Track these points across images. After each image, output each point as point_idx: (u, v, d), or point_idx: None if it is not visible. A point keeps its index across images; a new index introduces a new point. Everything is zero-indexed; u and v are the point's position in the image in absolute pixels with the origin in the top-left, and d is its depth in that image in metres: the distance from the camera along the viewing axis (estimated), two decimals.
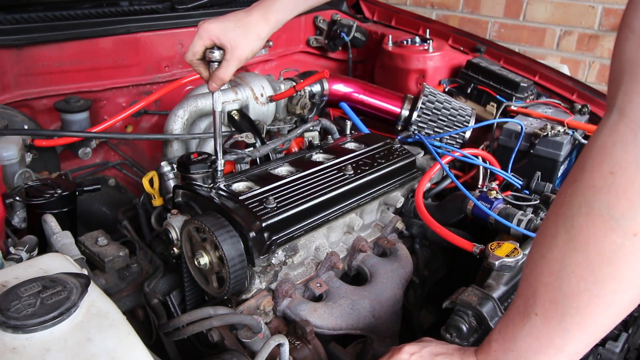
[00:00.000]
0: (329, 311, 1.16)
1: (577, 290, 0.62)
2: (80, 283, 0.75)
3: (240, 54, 1.10)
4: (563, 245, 0.63)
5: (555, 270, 0.64)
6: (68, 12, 1.67)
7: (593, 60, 3.20)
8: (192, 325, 1.02)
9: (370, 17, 2.50)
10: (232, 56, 1.10)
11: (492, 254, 1.12)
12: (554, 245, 0.64)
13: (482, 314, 0.95)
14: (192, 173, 1.21)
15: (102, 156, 1.82)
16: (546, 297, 0.66)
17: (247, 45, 1.10)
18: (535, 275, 0.68)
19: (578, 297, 0.62)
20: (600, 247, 0.59)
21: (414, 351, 0.89)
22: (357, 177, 1.30)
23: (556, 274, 0.64)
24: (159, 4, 1.90)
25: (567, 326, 0.65)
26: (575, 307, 0.63)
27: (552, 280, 0.65)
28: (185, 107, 1.55)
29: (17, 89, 1.56)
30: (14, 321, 0.68)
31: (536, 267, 0.68)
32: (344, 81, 1.95)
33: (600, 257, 0.59)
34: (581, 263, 0.61)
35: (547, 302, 0.66)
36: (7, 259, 0.99)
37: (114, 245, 1.21)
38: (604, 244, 0.59)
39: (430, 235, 1.48)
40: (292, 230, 1.13)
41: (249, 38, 1.11)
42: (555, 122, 1.73)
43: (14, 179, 1.28)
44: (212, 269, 1.10)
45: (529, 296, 0.69)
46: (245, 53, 1.11)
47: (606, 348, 0.98)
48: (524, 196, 1.43)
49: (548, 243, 0.66)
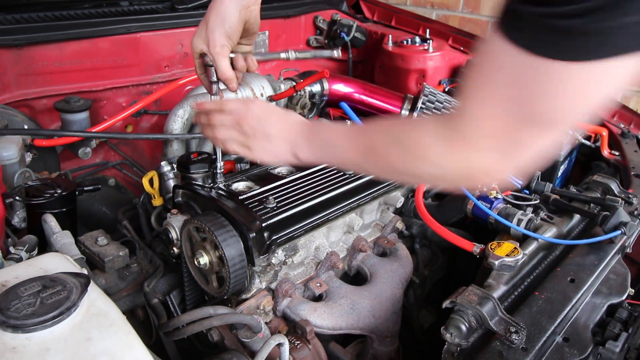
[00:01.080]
0: (329, 311, 1.16)
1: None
2: (80, 283, 0.75)
3: (214, 44, 1.07)
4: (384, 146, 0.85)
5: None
6: (68, 12, 1.66)
7: None
8: (192, 325, 1.02)
9: (370, 17, 2.50)
10: (212, 52, 1.08)
11: (492, 254, 1.12)
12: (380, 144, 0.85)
13: (482, 314, 0.95)
14: (192, 173, 1.21)
15: (102, 156, 1.82)
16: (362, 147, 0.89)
17: (219, 32, 1.07)
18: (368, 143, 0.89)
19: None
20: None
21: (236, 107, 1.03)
22: (357, 176, 1.30)
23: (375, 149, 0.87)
24: (159, 4, 1.90)
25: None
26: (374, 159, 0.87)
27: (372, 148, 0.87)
28: (185, 107, 1.55)
29: (17, 88, 1.56)
30: (14, 321, 0.68)
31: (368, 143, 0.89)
32: (344, 81, 1.95)
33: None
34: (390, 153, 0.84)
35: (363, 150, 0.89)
36: (7, 258, 0.99)
37: (114, 245, 1.21)
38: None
39: (430, 235, 1.48)
40: (292, 230, 1.13)
41: (217, 24, 1.07)
42: None
43: (14, 179, 1.28)
44: (212, 269, 1.10)
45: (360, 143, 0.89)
46: (219, 40, 1.06)
47: (606, 348, 0.98)
48: (524, 196, 1.43)
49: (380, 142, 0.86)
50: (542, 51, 0.58)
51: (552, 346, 0.95)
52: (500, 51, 0.62)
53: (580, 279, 1.10)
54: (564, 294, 1.05)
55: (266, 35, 2.11)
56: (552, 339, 0.96)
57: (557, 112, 0.64)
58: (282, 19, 2.17)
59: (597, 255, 1.19)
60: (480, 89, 0.68)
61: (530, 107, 0.64)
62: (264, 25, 2.09)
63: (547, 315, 0.99)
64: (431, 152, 0.76)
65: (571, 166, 1.87)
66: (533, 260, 1.19)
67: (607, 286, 1.14)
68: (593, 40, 0.54)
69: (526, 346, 0.91)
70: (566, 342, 0.96)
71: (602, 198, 1.32)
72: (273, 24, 2.14)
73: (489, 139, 0.69)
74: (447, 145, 0.73)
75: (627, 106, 1.92)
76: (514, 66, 0.62)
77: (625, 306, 1.12)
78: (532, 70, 0.60)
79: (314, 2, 2.33)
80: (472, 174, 0.75)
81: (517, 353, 0.90)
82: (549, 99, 0.62)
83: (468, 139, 0.70)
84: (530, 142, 0.68)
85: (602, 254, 1.19)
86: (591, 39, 0.54)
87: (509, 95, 0.64)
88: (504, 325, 0.94)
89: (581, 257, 1.18)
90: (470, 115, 0.69)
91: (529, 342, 0.92)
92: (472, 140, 0.70)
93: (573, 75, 0.58)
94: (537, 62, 0.58)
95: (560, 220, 1.32)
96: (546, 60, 0.58)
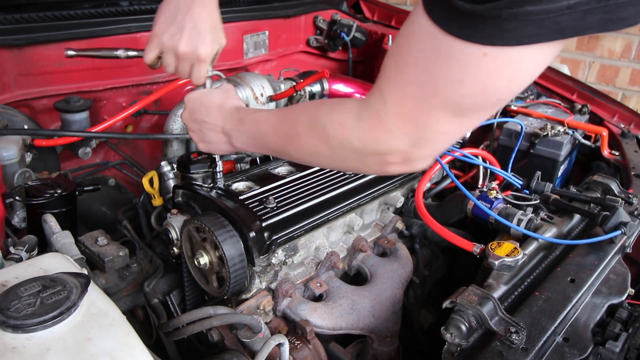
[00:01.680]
0: (329, 311, 1.16)
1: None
2: (80, 283, 0.75)
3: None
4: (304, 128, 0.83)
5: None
6: (68, 12, 1.66)
7: (593, 60, 3.20)
8: (192, 325, 1.02)
9: (370, 17, 2.50)
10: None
11: (492, 254, 1.12)
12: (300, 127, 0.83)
13: (482, 314, 0.95)
14: (192, 173, 1.21)
15: (102, 156, 1.82)
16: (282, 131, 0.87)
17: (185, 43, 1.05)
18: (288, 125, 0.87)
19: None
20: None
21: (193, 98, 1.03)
22: (357, 176, 1.30)
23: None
24: (158, 4, 1.90)
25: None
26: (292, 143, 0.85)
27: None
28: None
29: (17, 88, 1.56)
30: (14, 321, 0.68)
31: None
32: (344, 81, 1.95)
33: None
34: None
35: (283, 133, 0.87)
36: (7, 258, 0.99)
37: (114, 245, 1.21)
38: None
39: (430, 235, 1.48)
40: (292, 230, 1.13)
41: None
42: (555, 122, 1.73)
43: (14, 179, 1.28)
44: (212, 269, 1.10)
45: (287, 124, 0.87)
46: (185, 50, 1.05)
47: (606, 348, 0.98)
48: (524, 196, 1.43)
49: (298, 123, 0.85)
50: (454, 31, 0.57)
51: (552, 346, 0.95)
52: (419, 26, 0.60)
53: (581, 279, 1.10)
54: (564, 294, 1.05)
55: (266, 35, 2.11)
56: (552, 339, 0.96)
57: (467, 99, 0.62)
58: (282, 19, 2.17)
59: (597, 255, 1.19)
60: (394, 67, 0.66)
61: (440, 92, 0.62)
62: (264, 25, 2.10)
63: (547, 315, 0.99)
64: (347, 133, 0.73)
65: (571, 166, 1.87)
66: (533, 260, 1.19)
67: (607, 286, 1.14)
68: (500, 27, 0.54)
69: (526, 346, 0.91)
70: (566, 342, 0.96)
71: (602, 198, 1.32)
72: (273, 24, 2.14)
73: (401, 122, 0.67)
74: (362, 125, 0.71)
75: (627, 106, 1.92)
76: (428, 43, 0.60)
77: (625, 306, 1.12)
78: (445, 50, 0.59)
79: (314, 2, 2.33)
80: (387, 159, 0.72)
81: (517, 353, 0.90)
82: (459, 85, 0.61)
83: (381, 120, 0.68)
84: (442, 129, 0.67)
85: (602, 254, 1.19)
86: (497, 25, 0.54)
87: (421, 77, 0.63)
88: (504, 325, 0.94)
89: (581, 257, 1.18)
90: (384, 95, 0.67)
91: (529, 342, 0.92)
92: (385, 121, 0.68)
93: (482, 60, 0.57)
94: (450, 41, 0.57)
95: (560, 220, 1.32)
96: (458, 41, 0.57)
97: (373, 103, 0.70)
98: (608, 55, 3.15)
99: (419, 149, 0.70)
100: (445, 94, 0.62)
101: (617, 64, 3.14)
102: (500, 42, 0.55)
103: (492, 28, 0.54)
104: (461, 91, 0.61)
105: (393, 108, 0.67)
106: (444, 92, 0.62)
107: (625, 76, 3.15)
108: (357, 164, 0.79)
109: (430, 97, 0.63)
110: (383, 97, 0.68)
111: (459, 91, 0.61)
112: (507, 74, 0.59)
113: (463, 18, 0.55)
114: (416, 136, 0.68)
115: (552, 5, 0.51)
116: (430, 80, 0.62)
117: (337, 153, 0.78)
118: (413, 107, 0.65)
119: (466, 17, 0.55)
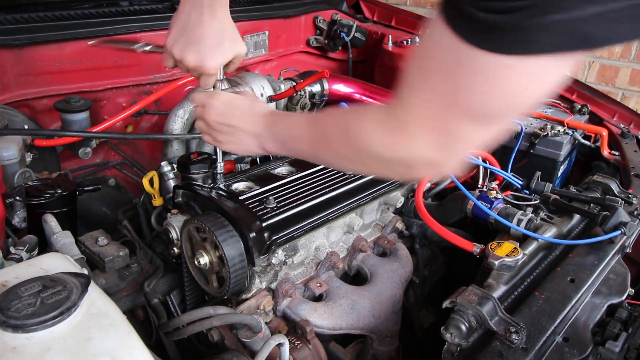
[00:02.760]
0: (329, 311, 1.16)
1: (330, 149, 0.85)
2: (81, 283, 0.75)
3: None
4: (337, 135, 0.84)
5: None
6: (68, 12, 1.66)
7: (593, 60, 3.20)
8: (192, 325, 1.02)
9: (370, 17, 2.50)
10: None
11: (492, 254, 1.12)
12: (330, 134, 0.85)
13: (482, 314, 0.95)
14: (192, 173, 1.21)
15: (102, 156, 1.82)
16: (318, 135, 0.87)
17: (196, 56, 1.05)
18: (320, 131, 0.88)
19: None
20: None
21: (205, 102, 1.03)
22: (357, 176, 1.30)
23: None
24: (159, 4, 1.90)
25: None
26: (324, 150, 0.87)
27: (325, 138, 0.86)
28: (185, 107, 1.55)
29: (17, 88, 1.56)
30: (14, 321, 0.68)
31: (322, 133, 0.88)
32: (344, 81, 1.95)
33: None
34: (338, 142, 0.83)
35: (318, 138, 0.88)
36: (7, 258, 0.99)
37: (114, 245, 1.21)
38: None
39: (430, 235, 1.48)
40: (292, 230, 1.13)
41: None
42: (555, 122, 1.73)
43: (14, 179, 1.28)
44: (212, 269, 1.10)
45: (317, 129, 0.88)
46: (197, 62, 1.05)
47: (606, 348, 0.98)
48: (524, 196, 1.43)
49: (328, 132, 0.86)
50: (475, 41, 0.56)
51: (552, 346, 0.95)
52: (439, 36, 0.60)
53: (580, 279, 1.10)
54: (564, 294, 1.05)
55: (266, 35, 2.11)
56: (552, 339, 0.96)
57: (490, 108, 0.63)
58: (282, 19, 2.17)
59: (597, 255, 1.19)
60: (417, 76, 0.67)
61: (463, 101, 0.62)
62: (264, 25, 2.10)
63: (547, 315, 0.99)
64: (373, 140, 0.74)
65: (571, 166, 1.87)
66: (533, 260, 1.19)
67: (607, 286, 1.14)
68: (522, 37, 0.53)
69: (526, 346, 0.91)
70: (566, 342, 0.96)
71: (602, 198, 1.32)
72: (273, 24, 2.14)
73: (426, 130, 0.67)
74: (387, 132, 0.72)
75: (626, 106, 1.92)
76: (450, 54, 0.60)
77: (625, 306, 1.12)
78: (466, 60, 0.58)
79: (314, 2, 2.33)
80: (413, 165, 0.73)
81: (517, 353, 0.90)
82: (482, 95, 0.61)
83: (406, 128, 0.69)
84: (467, 136, 0.66)
85: (602, 254, 1.19)
86: (520, 34, 0.53)
87: (444, 86, 0.63)
88: (504, 325, 0.94)
89: (581, 257, 1.18)
90: (408, 103, 0.68)
91: (529, 342, 0.92)
92: (409, 128, 0.69)
93: (504, 70, 0.57)
94: (471, 51, 0.57)
95: (560, 220, 1.32)
96: (479, 51, 0.56)
97: (397, 111, 0.70)
98: (608, 55, 3.15)
99: (444, 156, 0.70)
100: (468, 103, 0.62)
101: (616, 64, 3.14)
102: (522, 52, 0.55)
103: (514, 38, 0.54)
104: (484, 100, 0.61)
105: (417, 116, 0.67)
106: (467, 101, 0.62)
107: (625, 76, 3.15)
108: (384, 170, 0.81)
109: (453, 106, 0.64)
110: (406, 105, 0.68)
111: (482, 100, 0.62)
112: (530, 83, 0.59)
113: (484, 28, 0.55)
114: (441, 143, 0.68)
115: (577, 13, 0.49)
116: (452, 90, 0.63)
117: (364, 159, 0.79)
118: (436, 116, 0.65)
119: (487, 28, 0.54)
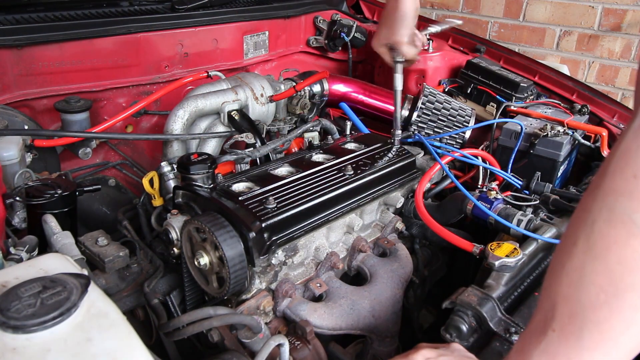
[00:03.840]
0: (329, 311, 1.16)
1: (596, 303, 0.58)
2: (81, 283, 0.75)
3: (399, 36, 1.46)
4: (583, 254, 0.59)
5: (574, 280, 0.60)
6: (68, 12, 1.66)
7: (593, 60, 3.20)
8: (192, 326, 1.02)
9: (370, 17, 2.50)
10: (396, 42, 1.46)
11: (492, 254, 1.12)
12: (573, 253, 0.61)
13: (482, 314, 0.95)
14: (192, 173, 1.21)
15: (102, 156, 1.82)
16: (564, 310, 0.61)
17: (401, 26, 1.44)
18: (555, 286, 0.63)
19: (597, 310, 0.58)
20: (622, 255, 0.56)
21: (430, 356, 0.84)
22: (357, 177, 1.30)
23: (575, 285, 0.60)
24: (159, 4, 1.90)
25: (585, 344, 0.60)
26: (595, 322, 0.58)
27: (571, 292, 0.61)
28: (186, 107, 1.55)
29: (17, 89, 1.56)
30: (14, 321, 0.68)
31: (555, 278, 0.63)
32: (343, 81, 1.95)
33: (621, 266, 0.56)
34: (601, 272, 0.58)
35: (565, 317, 0.61)
36: (7, 259, 0.99)
37: (114, 245, 1.21)
38: (626, 252, 0.55)
39: (430, 235, 1.48)
40: (292, 231, 1.14)
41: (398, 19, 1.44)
42: (555, 122, 1.73)
43: (14, 179, 1.28)
44: (212, 269, 1.10)
45: (548, 310, 0.64)
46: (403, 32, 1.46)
47: None
48: (524, 196, 1.43)
49: (568, 251, 0.62)
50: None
51: None
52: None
53: None
54: None
55: (266, 35, 2.11)
56: None
57: None
58: (282, 19, 2.17)
59: None
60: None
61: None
62: (264, 25, 2.10)
63: None
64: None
65: (571, 166, 1.87)
66: (533, 261, 1.19)
67: None
68: None
69: None
70: None
71: None
72: (273, 24, 2.14)
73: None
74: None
75: (626, 106, 1.92)
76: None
77: None
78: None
79: (314, 2, 2.33)
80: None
81: None
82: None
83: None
84: None
85: None
86: None
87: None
88: (503, 326, 0.94)
89: None
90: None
91: None
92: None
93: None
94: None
95: (560, 221, 1.32)
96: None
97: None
98: (608, 56, 3.15)
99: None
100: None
101: (616, 64, 3.15)
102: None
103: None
104: None
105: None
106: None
107: (624, 76, 3.15)
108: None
109: None
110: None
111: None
112: None
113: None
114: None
115: None
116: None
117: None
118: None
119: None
